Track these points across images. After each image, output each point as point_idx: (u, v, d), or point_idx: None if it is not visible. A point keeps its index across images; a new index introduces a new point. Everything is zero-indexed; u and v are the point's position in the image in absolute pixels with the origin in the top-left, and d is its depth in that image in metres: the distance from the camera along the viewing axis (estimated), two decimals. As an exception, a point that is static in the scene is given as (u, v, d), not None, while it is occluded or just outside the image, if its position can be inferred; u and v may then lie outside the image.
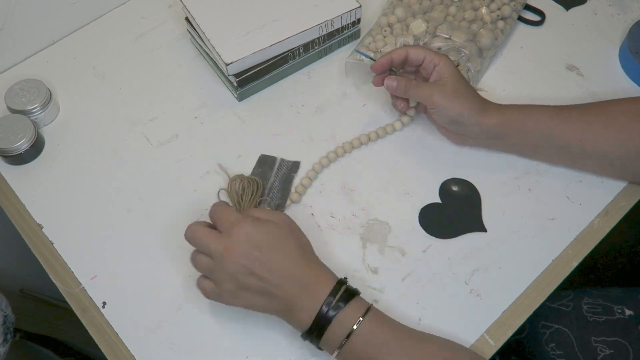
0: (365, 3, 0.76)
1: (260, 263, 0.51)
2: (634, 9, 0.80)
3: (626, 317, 0.65)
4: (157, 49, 0.78)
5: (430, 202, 0.64)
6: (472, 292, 0.59)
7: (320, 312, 0.50)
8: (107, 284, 0.60)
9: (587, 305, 0.68)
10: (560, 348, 0.67)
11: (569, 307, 0.69)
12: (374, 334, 0.50)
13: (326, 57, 0.76)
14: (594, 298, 0.68)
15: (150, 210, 0.65)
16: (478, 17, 0.74)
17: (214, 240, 0.52)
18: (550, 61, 0.75)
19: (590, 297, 0.69)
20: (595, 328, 0.65)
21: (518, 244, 0.62)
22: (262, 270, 0.50)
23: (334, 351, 0.51)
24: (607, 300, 0.68)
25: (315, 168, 0.66)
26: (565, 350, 0.67)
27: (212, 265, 0.52)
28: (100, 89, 0.75)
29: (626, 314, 0.66)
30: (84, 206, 0.66)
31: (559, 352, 0.67)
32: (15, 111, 0.70)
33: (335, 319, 0.50)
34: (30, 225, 0.65)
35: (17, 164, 0.68)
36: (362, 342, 0.50)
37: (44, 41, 0.78)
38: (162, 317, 0.58)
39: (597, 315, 0.67)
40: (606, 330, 0.65)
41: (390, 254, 0.61)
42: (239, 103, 0.73)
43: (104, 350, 0.57)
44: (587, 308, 0.68)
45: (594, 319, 0.66)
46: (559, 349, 0.68)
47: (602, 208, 0.63)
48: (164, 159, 0.69)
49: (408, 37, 0.71)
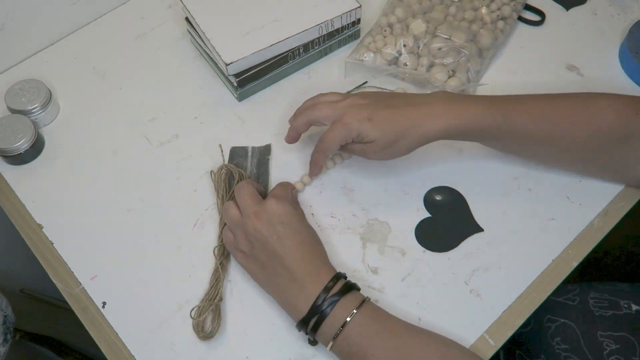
0: (365, 3, 0.77)
1: (278, 238, 0.53)
2: (634, 9, 0.80)
3: (633, 312, 0.65)
4: (157, 49, 0.78)
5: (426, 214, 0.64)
6: (472, 292, 0.59)
7: (316, 302, 0.51)
8: (107, 284, 0.61)
9: (594, 299, 0.67)
10: (566, 342, 0.67)
11: (575, 301, 0.69)
12: (367, 325, 0.51)
13: (326, 57, 0.76)
14: (601, 292, 0.68)
15: (151, 210, 0.65)
16: (478, 17, 0.74)
17: (252, 201, 0.56)
18: (550, 61, 0.75)
19: (597, 292, 0.68)
20: (602, 323, 0.65)
21: (518, 244, 0.62)
22: (277, 245, 0.53)
23: (328, 342, 0.51)
24: (614, 295, 0.68)
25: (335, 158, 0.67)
26: (570, 345, 0.67)
27: (238, 221, 0.56)
28: (100, 89, 0.75)
29: (633, 309, 0.65)
30: (84, 206, 0.66)
31: (564, 346, 0.67)
32: (15, 111, 0.70)
33: (332, 310, 0.51)
34: (30, 225, 0.65)
35: (17, 164, 0.68)
36: (356, 333, 0.50)
37: (44, 41, 0.78)
38: (162, 317, 0.58)
39: (604, 310, 0.66)
40: (612, 325, 0.65)
41: (390, 254, 0.61)
42: (239, 103, 0.73)
43: (104, 350, 0.57)
44: (594, 302, 0.67)
45: (600, 314, 0.66)
46: (565, 343, 0.67)
47: (602, 208, 0.63)
48: (164, 159, 0.69)
49: (408, 37, 0.71)
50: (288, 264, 0.53)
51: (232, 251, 0.58)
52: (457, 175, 0.66)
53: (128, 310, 0.59)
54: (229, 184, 0.64)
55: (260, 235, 0.54)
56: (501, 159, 0.67)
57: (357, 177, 0.66)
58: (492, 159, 0.67)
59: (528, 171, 0.66)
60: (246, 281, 0.60)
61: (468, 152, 0.67)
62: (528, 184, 0.65)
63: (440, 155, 0.67)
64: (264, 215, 0.54)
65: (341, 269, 0.60)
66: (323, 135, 0.59)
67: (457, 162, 0.67)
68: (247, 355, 0.56)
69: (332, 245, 0.62)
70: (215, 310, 0.57)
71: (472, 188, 0.65)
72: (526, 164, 0.66)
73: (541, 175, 0.66)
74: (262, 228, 0.54)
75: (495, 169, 0.66)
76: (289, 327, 0.57)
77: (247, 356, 0.56)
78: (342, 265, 0.61)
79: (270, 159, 0.67)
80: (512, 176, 0.66)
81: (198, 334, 0.56)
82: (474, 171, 0.66)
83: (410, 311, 0.58)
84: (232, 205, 0.58)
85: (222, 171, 0.64)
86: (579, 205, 0.64)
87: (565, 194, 0.64)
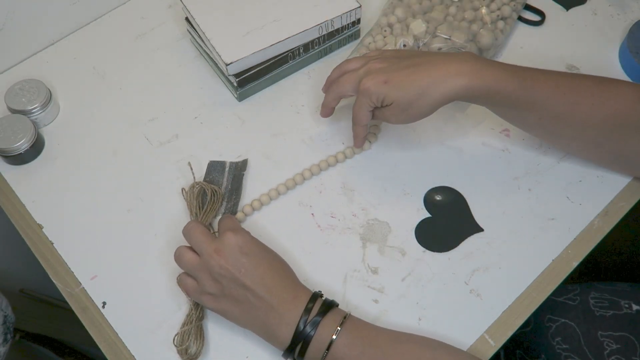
0: (365, 3, 0.77)
1: (246, 270, 0.51)
2: (634, 9, 0.80)
3: (633, 312, 0.65)
4: (157, 49, 0.78)
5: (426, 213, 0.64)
6: (472, 292, 0.59)
7: (298, 328, 0.50)
8: (107, 284, 0.61)
9: (594, 299, 0.67)
10: (566, 342, 0.67)
11: (575, 301, 0.68)
12: (352, 345, 0.50)
13: (326, 57, 0.76)
14: (601, 292, 0.68)
15: (150, 210, 0.65)
16: (478, 17, 0.74)
17: (208, 240, 0.53)
18: (550, 61, 0.75)
19: (597, 292, 0.68)
20: (602, 322, 0.65)
21: (518, 244, 0.62)
22: (246, 278, 0.51)
23: None
24: (614, 295, 0.68)
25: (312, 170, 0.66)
26: (571, 345, 0.67)
27: (198, 264, 0.53)
28: (100, 89, 0.75)
29: (633, 309, 0.65)
30: (84, 206, 0.66)
31: (564, 346, 0.67)
32: (15, 111, 0.70)
33: (315, 332, 0.50)
34: (30, 225, 0.65)
35: (17, 164, 0.68)
36: (342, 354, 0.49)
37: (44, 41, 0.78)
38: (162, 317, 0.58)
39: (604, 310, 0.66)
40: (613, 325, 0.65)
41: (390, 254, 0.61)
42: (239, 103, 0.73)
43: (104, 350, 0.57)
44: (594, 302, 0.67)
45: (600, 314, 0.66)
46: (565, 343, 0.67)
47: (602, 208, 0.63)
48: (164, 159, 0.69)
49: (408, 37, 0.71)
50: (262, 294, 0.51)
51: (198, 297, 0.54)
52: (457, 175, 0.66)
53: (128, 310, 0.59)
54: (202, 201, 0.63)
55: (227, 272, 0.51)
56: (501, 159, 0.67)
57: (357, 177, 0.66)
58: (492, 159, 0.67)
59: (528, 171, 0.66)
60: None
61: (468, 152, 0.67)
62: (528, 184, 0.65)
63: (440, 155, 0.67)
64: (226, 250, 0.52)
65: (341, 268, 0.60)
66: (353, 107, 0.60)
67: (457, 162, 0.67)
68: (247, 355, 0.56)
69: (332, 245, 0.62)
70: (197, 332, 0.56)
71: (472, 188, 0.65)
72: (526, 164, 0.66)
73: (541, 175, 0.66)
74: (226, 264, 0.51)
75: (495, 169, 0.66)
76: (289, 327, 0.57)
77: (247, 356, 0.56)
78: (342, 265, 0.61)
79: (245, 175, 0.66)
80: (512, 176, 0.66)
81: (182, 356, 0.55)
82: (474, 171, 0.66)
83: (410, 311, 0.58)
84: (184, 250, 0.55)
85: (194, 189, 0.63)
86: (579, 205, 0.64)
87: (565, 194, 0.64)
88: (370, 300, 0.59)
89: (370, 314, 0.58)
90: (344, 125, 0.70)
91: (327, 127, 0.70)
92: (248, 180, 0.67)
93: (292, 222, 0.64)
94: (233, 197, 0.65)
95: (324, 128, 0.70)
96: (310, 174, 0.66)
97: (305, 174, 0.66)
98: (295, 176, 0.66)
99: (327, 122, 0.70)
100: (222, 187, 0.65)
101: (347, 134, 0.69)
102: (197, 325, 0.56)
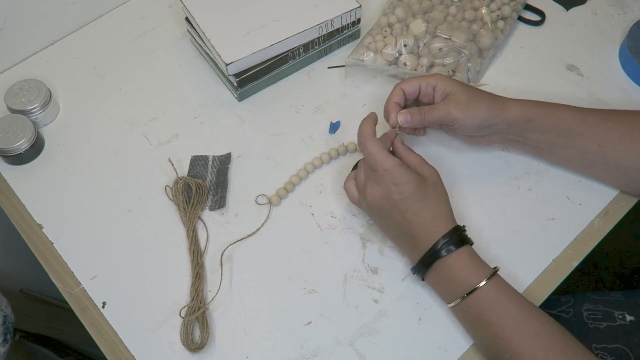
0: (365, 3, 0.77)
1: (407, 197, 0.54)
2: (634, 9, 0.80)
3: (627, 322, 0.65)
4: (157, 49, 0.78)
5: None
6: (472, 292, 0.59)
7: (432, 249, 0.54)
8: (107, 284, 0.61)
9: (588, 311, 0.67)
10: None
11: (569, 313, 0.68)
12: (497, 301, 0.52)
13: (326, 57, 0.76)
14: (594, 304, 0.68)
15: (150, 210, 0.65)
16: (478, 17, 0.74)
17: (386, 156, 0.55)
18: (550, 61, 0.75)
19: (591, 303, 0.68)
20: (596, 335, 0.65)
21: (518, 244, 0.62)
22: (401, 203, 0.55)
23: (451, 301, 0.54)
24: (608, 306, 0.67)
25: (307, 168, 0.67)
26: None
27: (372, 176, 0.56)
28: (100, 89, 0.75)
29: (627, 320, 0.65)
30: (84, 206, 0.66)
31: None
32: (15, 111, 0.70)
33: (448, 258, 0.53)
34: (30, 225, 0.65)
35: (17, 164, 0.68)
36: (485, 303, 0.52)
37: (44, 41, 0.78)
38: (162, 317, 0.58)
39: (598, 322, 0.66)
40: (607, 337, 0.65)
41: (390, 254, 0.61)
42: (239, 103, 0.73)
43: (104, 350, 0.57)
44: (588, 315, 0.67)
45: (594, 326, 0.66)
46: None
47: (602, 208, 0.63)
48: (164, 159, 0.69)
49: (408, 37, 0.71)
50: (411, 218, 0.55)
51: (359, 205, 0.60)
52: (457, 175, 0.66)
53: (128, 310, 0.59)
54: (187, 196, 0.64)
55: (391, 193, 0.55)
56: (501, 159, 0.67)
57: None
58: (492, 159, 0.67)
59: (528, 171, 0.66)
60: (246, 281, 0.60)
61: (468, 152, 0.67)
62: (528, 184, 0.65)
63: (440, 155, 0.67)
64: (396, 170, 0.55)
65: (341, 268, 0.60)
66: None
67: (457, 162, 0.67)
68: (247, 355, 0.56)
69: (332, 245, 0.62)
70: (202, 321, 0.57)
71: (473, 188, 0.65)
72: (526, 164, 0.66)
73: (541, 176, 0.66)
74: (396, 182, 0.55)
75: (495, 169, 0.66)
76: (289, 328, 0.57)
77: (247, 356, 0.56)
78: (342, 265, 0.61)
79: (230, 168, 0.67)
80: (512, 176, 0.66)
81: (189, 347, 0.55)
82: (474, 171, 0.66)
83: (410, 311, 0.58)
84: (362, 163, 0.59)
85: (179, 184, 0.64)
86: (579, 205, 0.64)
87: (565, 194, 0.64)
88: (370, 300, 0.59)
89: (370, 314, 0.58)
90: (344, 125, 0.70)
91: (327, 126, 0.70)
92: (248, 180, 0.67)
93: (292, 222, 0.64)
94: (219, 190, 0.65)
95: (324, 127, 0.70)
96: (313, 167, 0.66)
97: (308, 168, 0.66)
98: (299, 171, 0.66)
99: (327, 121, 0.70)
100: (207, 180, 0.66)
101: (346, 133, 0.69)
102: (201, 315, 0.57)
